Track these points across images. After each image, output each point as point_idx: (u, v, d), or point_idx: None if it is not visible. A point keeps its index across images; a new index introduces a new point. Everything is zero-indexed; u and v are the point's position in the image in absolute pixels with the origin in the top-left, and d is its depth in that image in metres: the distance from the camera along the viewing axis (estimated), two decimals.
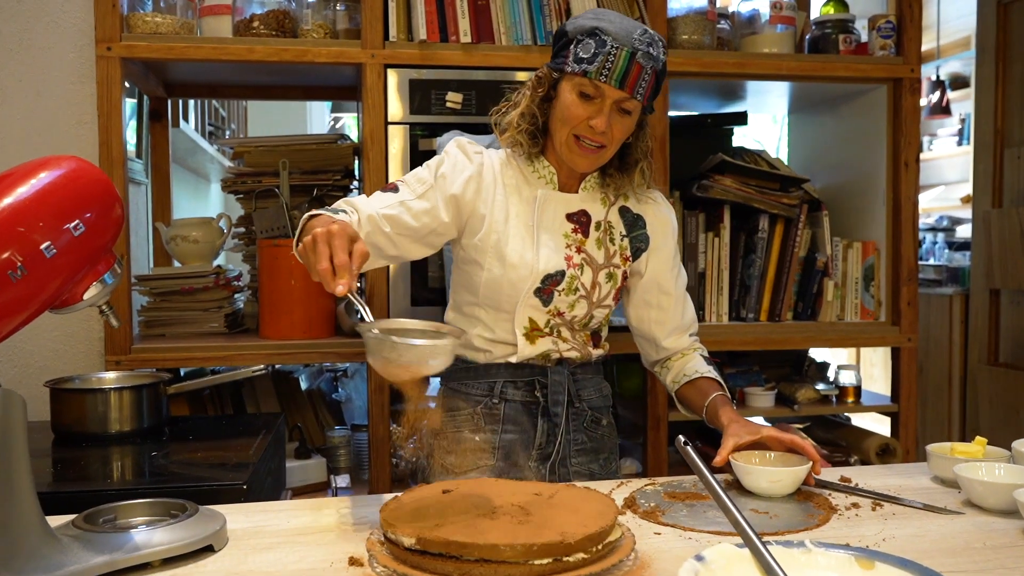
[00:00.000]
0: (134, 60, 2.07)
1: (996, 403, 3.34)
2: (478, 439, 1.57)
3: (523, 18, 2.16)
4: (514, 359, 1.56)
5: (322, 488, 2.22)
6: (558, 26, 1.69)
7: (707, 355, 1.66)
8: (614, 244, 1.59)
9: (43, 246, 0.95)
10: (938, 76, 5.64)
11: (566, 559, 0.97)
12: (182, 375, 2.30)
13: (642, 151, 1.57)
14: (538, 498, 1.12)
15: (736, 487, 1.35)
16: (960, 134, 5.99)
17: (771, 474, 1.32)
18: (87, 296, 1.04)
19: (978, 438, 1.41)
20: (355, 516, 1.22)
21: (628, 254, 1.60)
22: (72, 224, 0.98)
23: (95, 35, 1.99)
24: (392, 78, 2.11)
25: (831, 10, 2.49)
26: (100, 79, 2.00)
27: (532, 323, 1.55)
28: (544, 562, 0.95)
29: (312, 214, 1.39)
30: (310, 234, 1.17)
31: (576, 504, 1.10)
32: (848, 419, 2.71)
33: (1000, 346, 3.42)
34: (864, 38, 2.45)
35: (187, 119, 3.05)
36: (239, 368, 2.10)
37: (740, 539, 0.96)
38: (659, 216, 1.64)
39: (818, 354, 2.79)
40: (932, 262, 4.65)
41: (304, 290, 2.13)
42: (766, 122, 5.99)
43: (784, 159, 2.77)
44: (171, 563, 1.03)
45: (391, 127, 2.12)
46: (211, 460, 1.59)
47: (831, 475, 1.42)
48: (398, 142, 2.11)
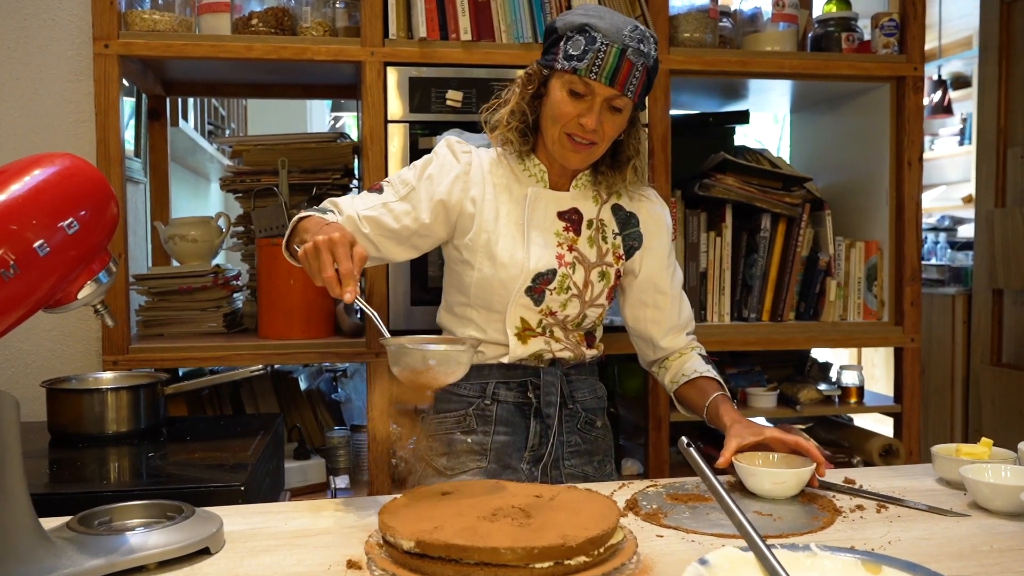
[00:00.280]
0: (132, 58, 2.05)
1: (999, 404, 3.32)
2: (470, 441, 1.55)
3: (524, 15, 2.14)
4: (506, 360, 1.54)
5: (321, 489, 2.20)
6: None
7: (705, 354, 1.64)
8: (606, 242, 1.57)
9: (36, 244, 0.94)
10: (940, 76, 5.63)
11: (567, 562, 0.95)
12: (180, 375, 2.29)
13: (634, 148, 1.55)
14: (539, 500, 1.11)
15: (739, 489, 1.34)
16: (961, 134, 5.97)
17: (775, 476, 1.30)
18: (81, 295, 1.02)
19: (984, 439, 1.40)
20: (354, 518, 1.21)
21: (621, 252, 1.59)
22: (66, 222, 0.97)
23: (92, 32, 1.98)
24: (392, 76, 2.09)
25: (834, 8, 2.47)
26: (98, 77, 1.98)
27: (524, 323, 1.53)
28: (545, 565, 0.94)
29: (301, 216, 1.39)
30: (310, 241, 1.17)
31: (577, 506, 1.09)
32: (850, 420, 2.69)
33: (1003, 346, 3.40)
34: (867, 36, 2.43)
35: (186, 118, 3.04)
36: (238, 368, 2.09)
37: (744, 542, 0.95)
38: (653, 214, 1.62)
39: (820, 354, 2.77)
40: (934, 262, 4.64)
41: (303, 290, 2.11)
42: (767, 121, 5.98)
43: (785, 158, 2.75)
44: (167, 566, 1.02)
45: (391, 125, 2.10)
46: (209, 461, 1.57)
47: (835, 476, 1.40)
48: (398, 140, 2.10)
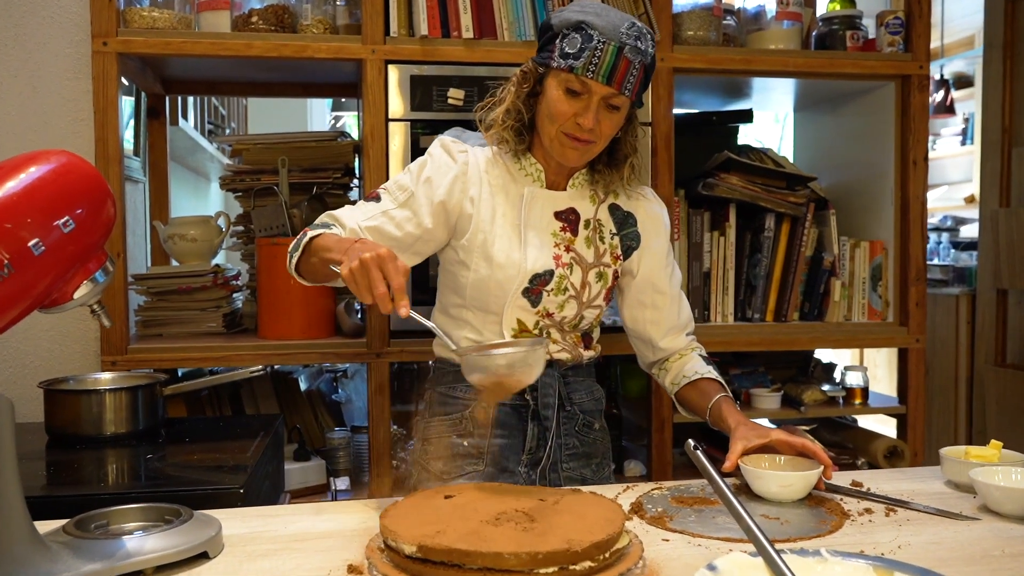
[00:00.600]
0: (131, 55, 2.04)
1: (1003, 405, 3.30)
2: (466, 444, 1.52)
3: (526, 13, 2.13)
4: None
5: (321, 491, 2.18)
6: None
7: (706, 355, 1.62)
8: (604, 243, 1.55)
9: (31, 243, 0.92)
10: (942, 75, 5.62)
11: (572, 567, 0.93)
12: (179, 376, 2.27)
13: (631, 146, 1.53)
14: (543, 504, 1.09)
15: (745, 492, 1.32)
16: (964, 134, 5.96)
17: (782, 479, 1.28)
18: (77, 295, 1.00)
19: (993, 441, 1.38)
20: (355, 521, 1.19)
21: (619, 253, 1.56)
22: (62, 221, 0.95)
23: (91, 29, 1.96)
24: (393, 74, 2.08)
25: (838, 6, 2.45)
26: (96, 74, 1.96)
27: (520, 324, 1.51)
28: (550, 571, 0.92)
29: (311, 236, 1.36)
30: (355, 259, 1.15)
31: (582, 510, 1.07)
32: (855, 421, 2.68)
33: (1007, 347, 3.38)
34: (872, 34, 2.41)
35: (186, 117, 3.02)
36: (237, 369, 2.07)
37: (751, 546, 0.93)
38: (650, 213, 1.60)
39: (823, 355, 2.75)
40: (936, 262, 4.62)
41: (303, 290, 2.08)
42: (767, 121, 5.96)
43: (787, 158, 2.73)
44: (164, 571, 1.00)
45: (392, 124, 2.08)
46: (208, 463, 1.56)
47: (842, 479, 1.39)
48: (399, 139, 2.08)
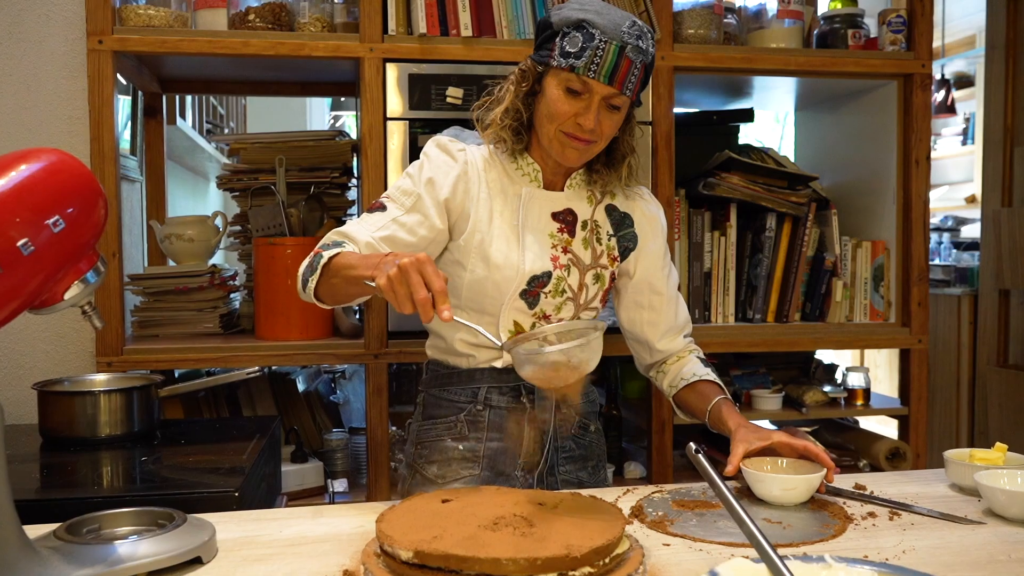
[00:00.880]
0: (126, 54, 2.02)
1: (1006, 406, 3.29)
2: (461, 448, 1.50)
3: (525, 11, 2.11)
4: (499, 364, 1.50)
5: (319, 493, 2.17)
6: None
7: (703, 357, 1.60)
8: (601, 244, 1.53)
9: (20, 243, 0.90)
10: (943, 75, 5.60)
11: (571, 573, 0.92)
12: (176, 377, 2.26)
13: (629, 146, 1.51)
14: (541, 508, 1.07)
15: (746, 495, 1.30)
16: (964, 133, 5.95)
17: (784, 482, 1.26)
18: (68, 296, 0.99)
19: (998, 444, 1.36)
20: (351, 525, 1.17)
21: (616, 254, 1.54)
22: (52, 220, 0.93)
23: (86, 28, 1.94)
24: (391, 72, 2.06)
25: (840, 4, 2.43)
26: (91, 73, 1.95)
27: (517, 327, 1.48)
28: None
29: (328, 256, 1.32)
30: (392, 267, 1.12)
31: (582, 514, 1.05)
32: (856, 422, 2.66)
33: (1009, 347, 3.37)
34: (874, 33, 2.40)
35: (184, 116, 3.00)
36: (234, 370, 2.06)
37: (754, 551, 0.91)
38: (647, 214, 1.58)
39: (824, 355, 2.74)
40: (937, 262, 4.60)
41: None
42: (767, 121, 5.95)
43: (789, 157, 2.72)
44: None
45: (390, 123, 2.07)
46: (203, 465, 1.54)
47: (845, 482, 1.37)
48: (397, 138, 2.07)
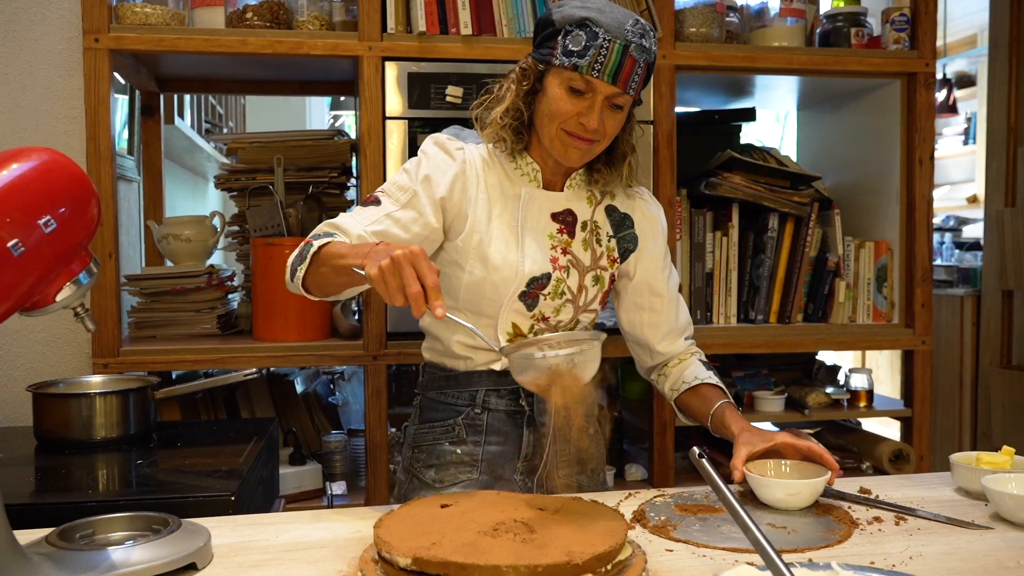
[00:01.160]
0: (123, 52, 2.00)
1: (1009, 407, 3.27)
2: (459, 452, 1.48)
3: (525, 9, 2.09)
4: (497, 366, 1.47)
5: (317, 495, 2.15)
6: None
7: (705, 360, 1.58)
8: (600, 245, 1.50)
9: (10, 244, 0.89)
10: (944, 74, 5.59)
11: None
12: (174, 378, 2.24)
13: (629, 144, 1.49)
14: (542, 513, 1.06)
15: (750, 499, 1.29)
16: (966, 133, 5.93)
17: (788, 486, 1.25)
18: (60, 298, 0.97)
19: (1005, 447, 1.35)
20: (349, 530, 1.15)
21: (616, 255, 1.52)
22: (43, 220, 0.92)
23: (82, 26, 1.93)
24: (390, 71, 2.04)
25: (842, 3, 2.42)
26: (87, 71, 1.93)
27: (516, 328, 1.46)
28: None
29: (318, 246, 1.29)
30: (385, 258, 1.09)
31: (583, 520, 1.03)
32: (859, 424, 2.64)
33: (1013, 348, 3.35)
34: (877, 31, 2.38)
35: (182, 116, 2.99)
36: (232, 371, 2.04)
37: (759, 558, 0.89)
38: (648, 214, 1.56)
39: (826, 357, 2.72)
40: (939, 262, 4.58)
41: None
42: (768, 120, 5.93)
43: (791, 157, 2.70)
44: None
45: (389, 122, 2.05)
46: (199, 468, 1.52)
47: (850, 485, 1.35)
48: (396, 137, 2.05)
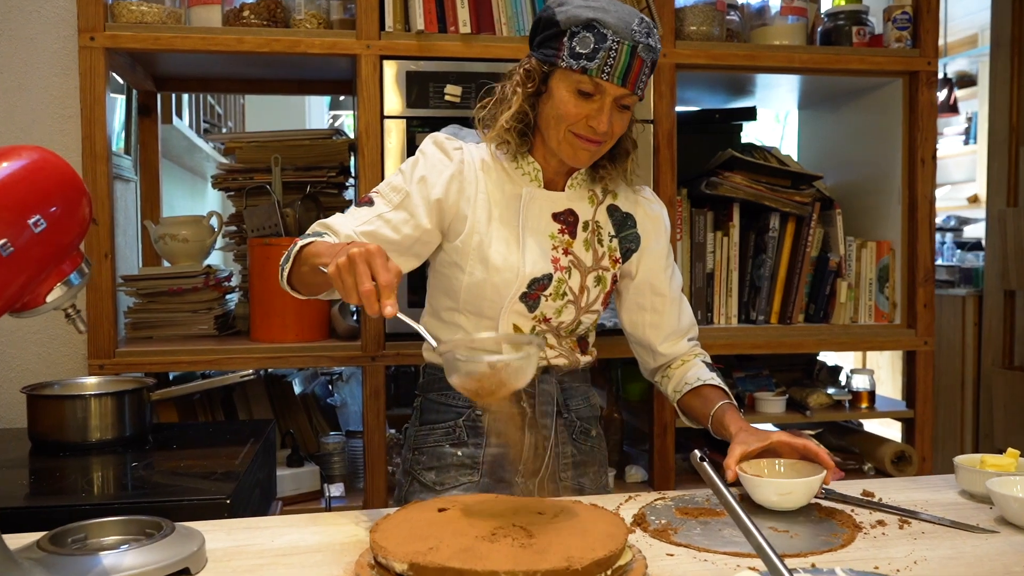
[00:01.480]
0: (119, 51, 1.99)
1: (1011, 408, 3.25)
2: (460, 454, 1.47)
3: (525, 7, 2.07)
4: None
5: (315, 497, 2.13)
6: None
7: (709, 361, 1.56)
8: (602, 245, 1.49)
9: None
10: (945, 74, 5.57)
11: None
12: (171, 379, 2.22)
13: (632, 140, 1.48)
14: (541, 517, 1.04)
15: (748, 501, 1.27)
16: (967, 133, 5.92)
17: (780, 486, 1.22)
18: (50, 299, 0.95)
19: (1010, 450, 1.33)
20: (345, 534, 1.14)
21: (618, 256, 1.50)
22: (32, 219, 0.90)
23: (78, 24, 1.91)
24: (388, 70, 2.03)
25: (844, 1, 2.40)
26: (83, 70, 1.91)
27: (517, 330, 1.45)
28: None
29: (301, 244, 1.30)
30: (343, 255, 1.08)
31: (583, 524, 1.02)
32: (860, 425, 2.63)
33: (1015, 349, 3.34)
34: (878, 30, 2.36)
35: (181, 115, 2.97)
36: (229, 372, 2.02)
37: (760, 562, 0.88)
38: (650, 214, 1.54)
39: (827, 357, 2.70)
40: (940, 262, 4.57)
41: None
42: (768, 120, 5.92)
43: (791, 156, 2.68)
44: None
45: (387, 121, 2.03)
46: (195, 471, 1.50)
47: (853, 488, 1.34)
48: (395, 136, 2.03)
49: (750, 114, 2.67)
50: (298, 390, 2.42)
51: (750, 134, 2.73)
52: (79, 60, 1.92)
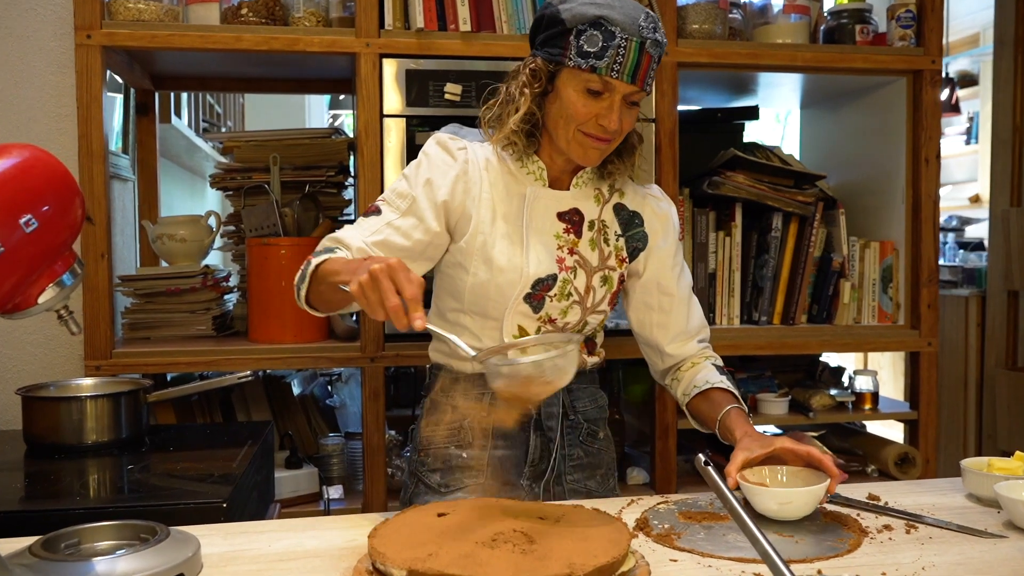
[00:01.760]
0: (116, 49, 1.97)
1: (1014, 409, 3.23)
2: (465, 456, 1.45)
3: (525, 5, 2.06)
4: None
5: (314, 499, 2.11)
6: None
7: (720, 364, 1.53)
8: (609, 245, 1.47)
9: None
10: (947, 73, 5.55)
11: None
12: (168, 380, 2.20)
13: (637, 134, 1.47)
14: (542, 523, 1.02)
15: (748, 506, 1.25)
16: (968, 132, 5.90)
17: (779, 496, 1.19)
18: (42, 299, 0.94)
19: (1018, 453, 1.32)
20: (343, 539, 1.12)
21: (624, 255, 1.49)
22: (24, 219, 0.89)
23: (74, 22, 1.89)
24: (388, 68, 2.01)
25: None
26: (79, 68, 1.90)
27: (521, 331, 1.43)
28: None
29: (317, 263, 1.29)
30: (364, 272, 1.08)
31: (584, 529, 1.00)
32: (863, 426, 2.61)
33: (1018, 349, 3.32)
34: (882, 28, 2.35)
35: (179, 115, 2.95)
36: (227, 374, 2.01)
37: (766, 568, 0.86)
38: (658, 212, 1.52)
39: (830, 358, 2.69)
40: (943, 262, 4.55)
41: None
42: (768, 119, 5.90)
43: (794, 156, 2.67)
44: None
45: (387, 120, 2.01)
46: (192, 473, 1.49)
47: (858, 491, 1.32)
48: (394, 135, 2.01)
49: (752, 113, 2.65)
50: (297, 391, 2.41)
51: (751, 134, 2.71)
52: (75, 58, 1.90)
